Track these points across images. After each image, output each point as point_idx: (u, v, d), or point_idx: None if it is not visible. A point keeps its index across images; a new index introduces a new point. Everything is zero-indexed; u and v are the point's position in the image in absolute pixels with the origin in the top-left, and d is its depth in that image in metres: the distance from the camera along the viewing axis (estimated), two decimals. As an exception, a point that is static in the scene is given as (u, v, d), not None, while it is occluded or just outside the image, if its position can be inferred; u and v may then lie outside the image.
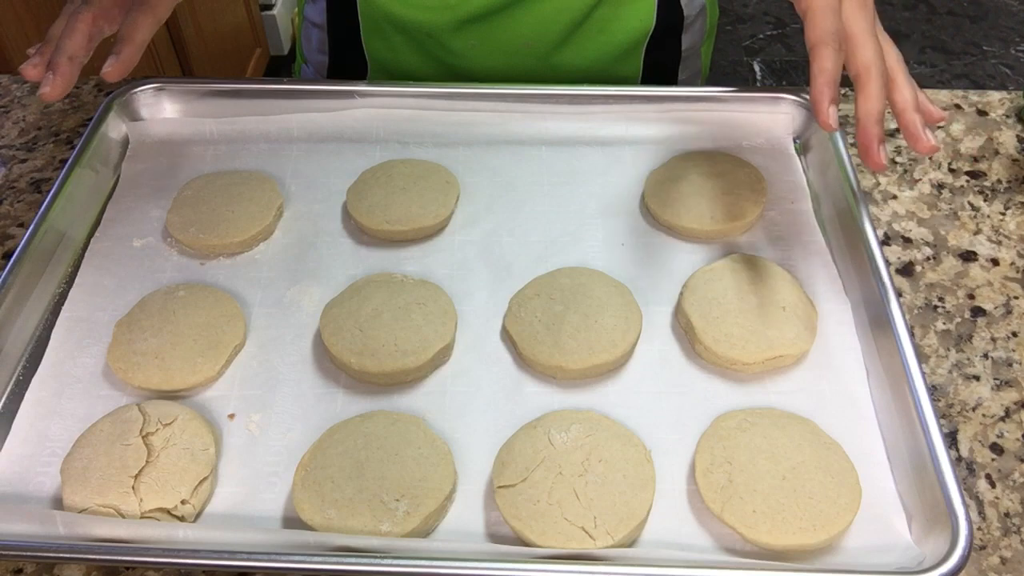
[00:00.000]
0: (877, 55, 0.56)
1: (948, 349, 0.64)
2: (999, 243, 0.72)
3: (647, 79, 0.90)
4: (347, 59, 0.90)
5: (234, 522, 0.54)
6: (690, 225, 0.69)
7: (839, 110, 0.82)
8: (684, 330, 0.64)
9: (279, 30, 2.31)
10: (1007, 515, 0.55)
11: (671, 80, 0.93)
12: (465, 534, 0.54)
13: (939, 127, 0.82)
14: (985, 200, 0.75)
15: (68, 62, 0.59)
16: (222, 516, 0.55)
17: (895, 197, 0.76)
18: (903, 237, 0.72)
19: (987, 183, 0.77)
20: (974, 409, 0.61)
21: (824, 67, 0.54)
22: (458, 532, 0.54)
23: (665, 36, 0.88)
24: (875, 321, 0.62)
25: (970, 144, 0.80)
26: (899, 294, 0.63)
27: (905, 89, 0.58)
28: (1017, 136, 0.81)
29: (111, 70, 0.60)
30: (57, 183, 0.70)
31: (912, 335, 0.60)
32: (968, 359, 0.64)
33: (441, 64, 0.86)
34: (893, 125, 0.82)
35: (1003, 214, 0.74)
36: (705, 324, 0.61)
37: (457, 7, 0.81)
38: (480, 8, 0.81)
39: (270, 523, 0.54)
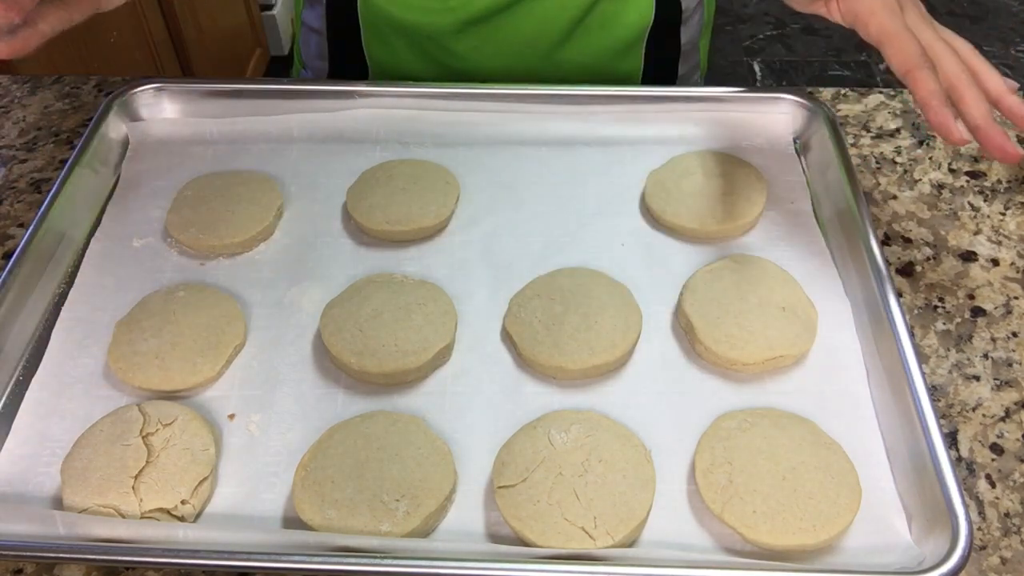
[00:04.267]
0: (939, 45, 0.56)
1: (948, 349, 0.64)
2: (999, 243, 0.72)
3: (648, 74, 0.90)
4: (347, 64, 0.90)
5: (234, 522, 0.54)
6: (690, 225, 0.69)
7: (839, 110, 0.82)
8: (684, 330, 0.64)
9: (279, 30, 2.31)
10: (1007, 515, 0.55)
11: (671, 74, 0.93)
12: (465, 534, 0.54)
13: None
14: (985, 200, 0.75)
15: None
16: (222, 516, 0.55)
17: (895, 197, 0.76)
18: (903, 237, 0.72)
19: (987, 183, 0.77)
20: (974, 409, 0.61)
21: (929, 88, 0.54)
22: (458, 532, 0.54)
23: (664, 30, 0.88)
24: (875, 321, 0.62)
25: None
26: (899, 294, 0.63)
27: (993, 76, 0.57)
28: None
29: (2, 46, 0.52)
30: (57, 183, 0.70)
31: (912, 335, 0.60)
32: (968, 359, 0.64)
33: (443, 66, 0.86)
34: (893, 125, 0.82)
35: (1003, 214, 0.74)
36: (705, 324, 0.61)
37: (458, 9, 0.81)
38: (482, 9, 0.81)
39: (270, 523, 0.54)
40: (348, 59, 0.89)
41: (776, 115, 0.77)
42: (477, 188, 0.74)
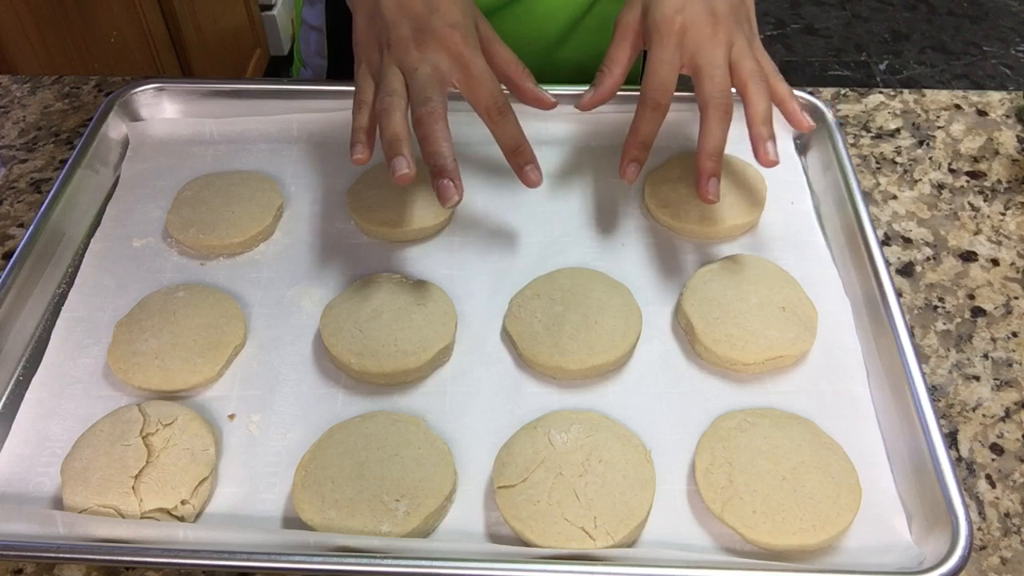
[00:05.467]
0: (719, 89, 0.61)
1: (948, 349, 0.64)
2: (999, 243, 0.72)
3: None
4: (346, 61, 0.90)
5: (234, 522, 0.54)
6: (690, 225, 0.69)
7: (839, 110, 0.82)
8: (684, 330, 0.64)
9: (279, 30, 2.31)
10: (1007, 515, 0.55)
11: None
12: (465, 534, 0.54)
13: (939, 127, 0.82)
14: (985, 200, 0.75)
15: (455, 165, 0.59)
16: (222, 516, 0.55)
17: (895, 197, 0.76)
18: (903, 237, 0.72)
19: (987, 183, 0.77)
20: (974, 409, 0.61)
21: (637, 125, 0.64)
22: (458, 532, 0.54)
23: None
24: (875, 321, 0.62)
25: (970, 144, 0.80)
26: (899, 294, 0.63)
27: (753, 103, 0.62)
28: (1017, 136, 0.81)
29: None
30: (57, 183, 0.70)
31: (912, 335, 0.60)
32: (968, 359, 0.64)
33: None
34: (893, 125, 0.82)
35: (1003, 214, 0.74)
36: (705, 324, 0.61)
37: None
38: (481, 6, 0.81)
39: (270, 523, 0.54)
40: (348, 56, 0.89)
41: (776, 116, 0.77)
42: (477, 188, 0.74)
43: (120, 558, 0.51)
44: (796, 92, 0.77)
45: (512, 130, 0.63)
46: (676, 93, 0.78)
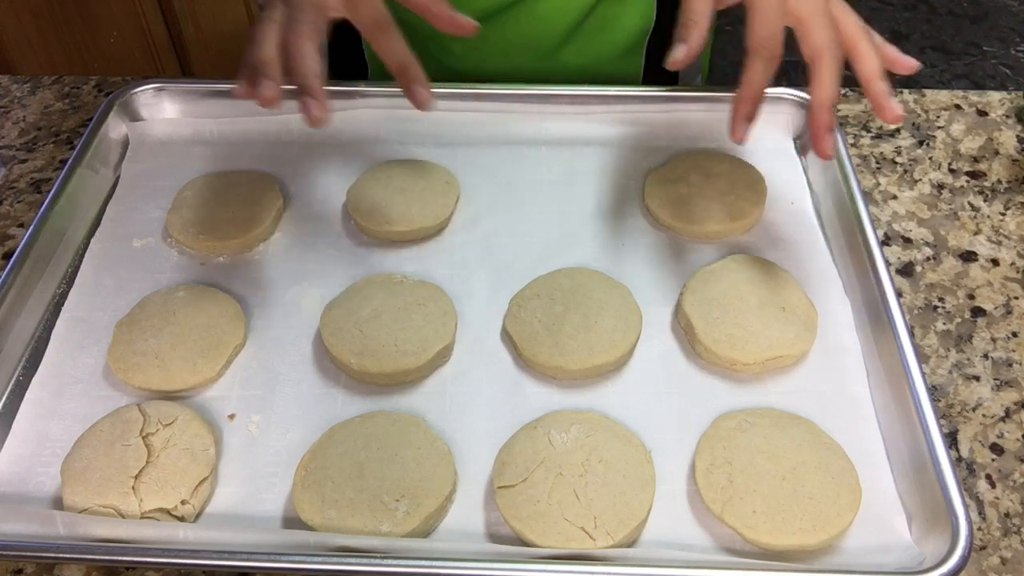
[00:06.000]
0: (829, 37, 0.57)
1: (948, 349, 0.64)
2: (999, 243, 0.72)
3: (648, 77, 0.90)
4: (346, 63, 0.90)
5: (234, 522, 0.54)
6: (690, 225, 0.69)
7: (839, 110, 0.82)
8: (684, 330, 0.64)
9: (279, 30, 2.30)
10: (1007, 515, 0.55)
11: (672, 78, 0.93)
12: (465, 534, 0.54)
13: (939, 127, 0.82)
14: (985, 200, 0.75)
15: (318, 82, 0.56)
16: (222, 516, 0.55)
17: (895, 197, 0.76)
18: (903, 237, 0.72)
19: (987, 183, 0.77)
20: (974, 409, 0.61)
21: (750, 79, 0.58)
22: (458, 532, 0.54)
23: (665, 34, 0.88)
24: (875, 321, 0.62)
25: (970, 144, 0.80)
26: (899, 294, 0.63)
27: (867, 59, 0.58)
28: (1017, 136, 0.81)
29: None
30: (57, 183, 0.70)
31: (912, 335, 0.60)
32: (968, 359, 0.64)
33: (442, 66, 0.86)
34: (892, 125, 0.82)
35: (1003, 214, 0.74)
36: (705, 324, 0.61)
37: (458, 9, 0.81)
38: (481, 9, 0.81)
39: (270, 523, 0.54)
40: (348, 58, 0.89)
41: (776, 115, 0.77)
42: (477, 188, 0.74)
43: (120, 558, 0.51)
44: (796, 92, 0.78)
45: (397, 47, 0.59)
46: (676, 91, 0.79)
